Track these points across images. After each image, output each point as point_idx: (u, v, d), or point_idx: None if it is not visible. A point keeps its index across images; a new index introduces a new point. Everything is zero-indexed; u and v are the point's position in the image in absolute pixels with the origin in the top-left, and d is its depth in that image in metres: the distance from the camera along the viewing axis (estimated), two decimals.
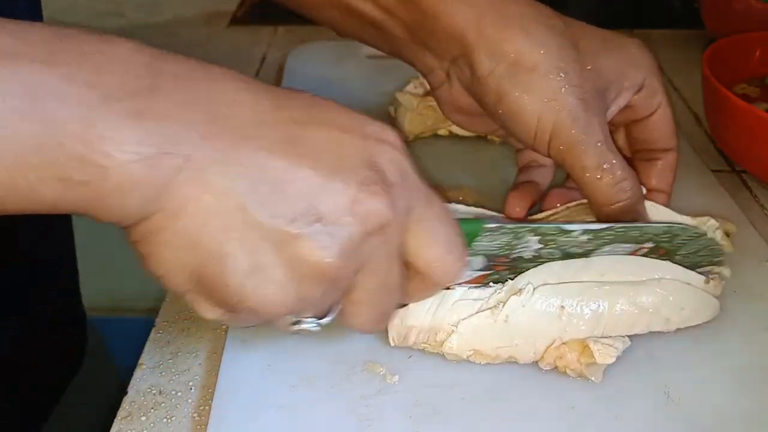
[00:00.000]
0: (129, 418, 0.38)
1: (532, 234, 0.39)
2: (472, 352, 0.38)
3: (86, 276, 0.64)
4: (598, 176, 0.41)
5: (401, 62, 0.47)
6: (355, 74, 0.71)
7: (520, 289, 0.39)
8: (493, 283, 0.39)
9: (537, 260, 0.40)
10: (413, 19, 0.43)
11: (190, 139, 0.27)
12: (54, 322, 0.58)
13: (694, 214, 0.45)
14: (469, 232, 0.37)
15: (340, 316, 0.33)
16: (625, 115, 0.46)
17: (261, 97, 0.30)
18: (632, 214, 0.42)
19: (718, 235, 0.44)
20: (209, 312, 0.30)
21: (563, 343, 0.38)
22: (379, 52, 0.48)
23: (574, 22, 0.44)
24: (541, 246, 0.39)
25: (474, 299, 0.39)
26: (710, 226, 0.44)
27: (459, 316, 0.39)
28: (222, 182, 0.27)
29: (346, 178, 0.29)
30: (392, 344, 0.40)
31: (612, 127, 0.47)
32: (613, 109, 0.44)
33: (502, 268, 0.40)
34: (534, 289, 0.39)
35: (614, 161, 0.41)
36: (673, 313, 0.40)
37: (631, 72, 0.44)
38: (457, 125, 0.49)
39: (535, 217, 0.47)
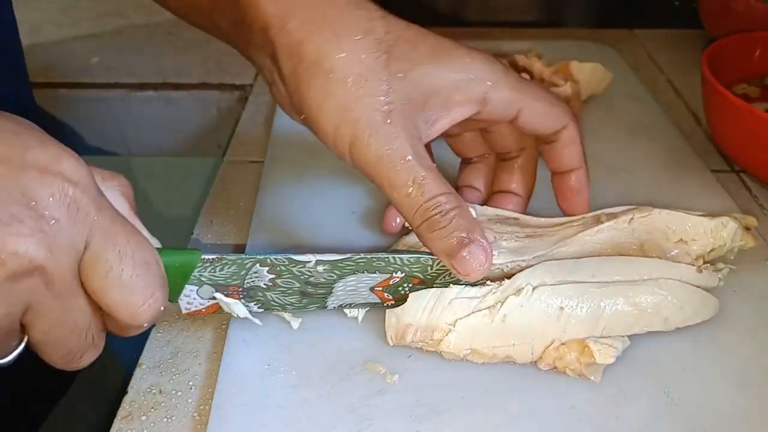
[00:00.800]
0: (129, 417, 0.38)
1: (260, 264, 0.38)
2: (469, 351, 0.39)
3: None
4: (407, 193, 0.37)
5: None
6: None
7: (519, 289, 0.39)
8: None
9: (276, 289, 0.39)
10: (233, 12, 0.41)
11: None
12: None
13: (700, 214, 0.45)
14: (183, 263, 0.36)
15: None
16: (489, 122, 0.43)
17: None
18: (458, 232, 0.37)
19: (738, 234, 0.44)
20: None
21: (562, 344, 0.38)
22: None
23: (408, 26, 0.40)
24: (273, 276, 0.38)
25: (471, 298, 0.39)
26: (730, 229, 0.44)
27: (456, 314, 0.39)
28: None
29: None
30: (390, 343, 0.40)
31: (488, 126, 0.45)
32: (443, 124, 0.40)
33: (237, 297, 0.39)
34: (533, 289, 0.39)
35: (424, 174, 0.37)
36: (673, 313, 0.40)
37: (466, 86, 0.40)
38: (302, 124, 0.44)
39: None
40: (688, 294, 0.40)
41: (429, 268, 0.40)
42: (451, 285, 0.39)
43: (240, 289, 0.39)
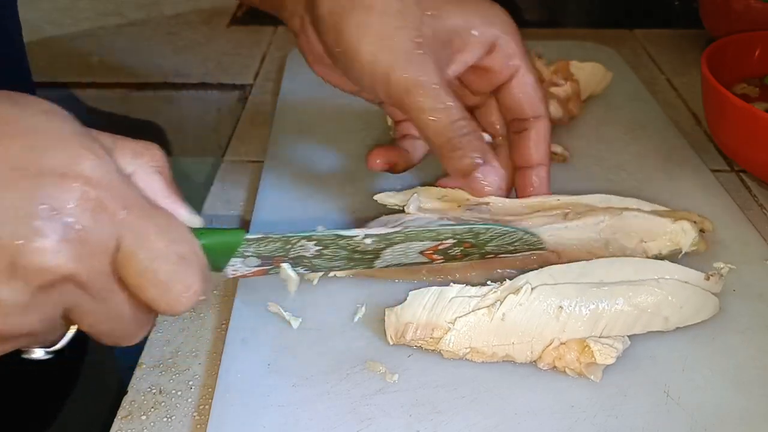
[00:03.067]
0: (129, 417, 0.38)
1: (306, 240, 0.38)
2: (468, 350, 0.39)
3: None
4: (433, 117, 0.41)
5: None
6: None
7: (518, 288, 0.39)
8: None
9: (322, 257, 0.40)
10: None
11: None
12: None
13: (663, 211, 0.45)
14: (226, 244, 0.36)
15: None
16: (485, 79, 0.46)
17: None
18: (474, 152, 0.42)
19: (692, 237, 0.45)
20: None
21: (562, 343, 0.38)
22: None
23: None
24: (320, 248, 0.39)
25: (471, 296, 0.39)
26: (688, 236, 0.45)
27: (455, 313, 0.39)
28: None
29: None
30: (390, 342, 0.40)
31: (480, 99, 0.48)
32: (459, 64, 0.44)
33: (282, 263, 0.39)
34: (532, 288, 0.39)
35: (450, 103, 0.41)
36: (673, 312, 0.40)
37: (481, 27, 0.44)
38: (323, 78, 0.48)
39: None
40: (688, 294, 0.40)
41: (480, 235, 0.41)
42: (500, 253, 0.41)
43: (285, 259, 0.39)
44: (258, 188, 0.54)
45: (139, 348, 0.42)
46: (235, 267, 0.38)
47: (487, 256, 0.42)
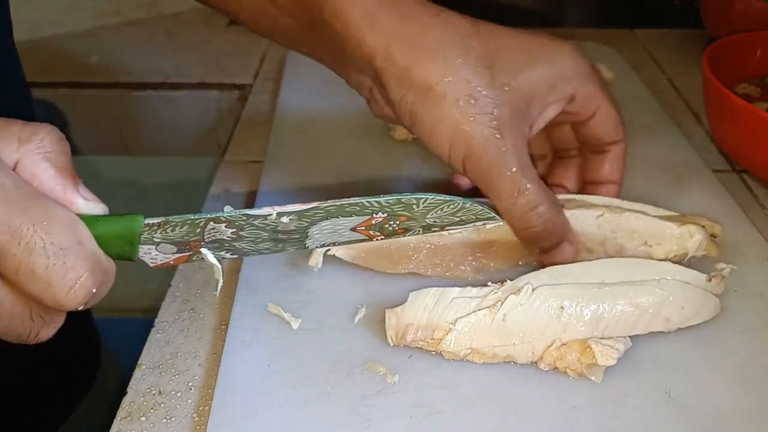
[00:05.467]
0: (129, 418, 0.38)
1: (214, 222, 0.35)
2: (469, 351, 0.38)
3: None
4: (512, 202, 0.40)
5: None
6: None
7: (519, 289, 0.39)
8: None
9: (243, 239, 0.37)
10: (332, 41, 0.42)
11: None
12: (67, 342, 0.59)
13: (694, 214, 0.45)
14: (124, 231, 0.33)
15: None
16: (564, 118, 0.45)
17: None
18: (554, 237, 0.42)
19: (698, 241, 0.44)
20: None
21: (563, 344, 0.38)
22: None
23: (497, 32, 0.42)
24: (234, 230, 0.36)
25: (471, 297, 0.39)
26: (695, 240, 0.44)
27: (456, 314, 0.39)
28: None
29: None
30: (391, 343, 0.40)
31: (555, 127, 0.47)
32: (539, 124, 0.43)
33: (202, 249, 0.36)
34: (533, 289, 0.39)
35: (529, 186, 0.40)
36: (674, 313, 0.40)
37: (558, 84, 0.43)
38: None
39: None
40: (688, 294, 0.40)
41: (414, 207, 0.38)
42: (445, 229, 0.40)
43: (202, 243, 0.36)
44: (258, 188, 0.54)
45: (138, 348, 0.42)
46: (152, 255, 0.35)
47: (433, 229, 0.40)
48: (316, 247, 0.39)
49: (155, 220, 0.34)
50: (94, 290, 0.30)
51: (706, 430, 0.36)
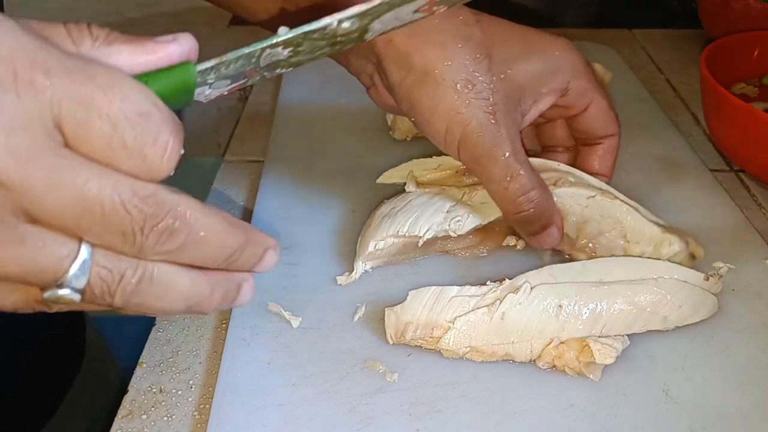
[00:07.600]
0: (130, 416, 0.38)
1: (270, 48, 0.33)
2: (468, 349, 0.39)
3: None
4: (505, 187, 0.41)
5: None
6: None
7: (518, 288, 0.39)
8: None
9: (300, 54, 0.35)
10: None
11: None
12: (53, 323, 0.58)
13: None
14: (177, 86, 0.31)
15: None
16: (556, 112, 0.46)
17: None
18: (542, 221, 0.43)
19: (679, 257, 0.44)
20: None
21: (561, 343, 0.39)
22: None
23: (497, 23, 0.43)
24: (291, 48, 0.34)
25: (470, 296, 0.39)
26: (670, 251, 0.44)
27: (455, 312, 0.39)
28: None
29: None
30: (390, 342, 0.40)
31: (546, 120, 0.48)
32: (532, 114, 0.44)
33: (258, 74, 0.34)
34: (531, 288, 0.39)
35: (521, 172, 0.41)
36: (672, 312, 0.40)
37: (552, 77, 0.44)
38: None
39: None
40: (686, 293, 0.41)
41: None
42: None
43: (258, 69, 0.34)
44: (258, 188, 0.54)
45: (139, 347, 0.42)
46: (205, 94, 0.33)
47: None
48: (372, 38, 0.36)
49: (208, 65, 0.32)
50: (182, 151, 0.27)
51: (704, 428, 0.36)
